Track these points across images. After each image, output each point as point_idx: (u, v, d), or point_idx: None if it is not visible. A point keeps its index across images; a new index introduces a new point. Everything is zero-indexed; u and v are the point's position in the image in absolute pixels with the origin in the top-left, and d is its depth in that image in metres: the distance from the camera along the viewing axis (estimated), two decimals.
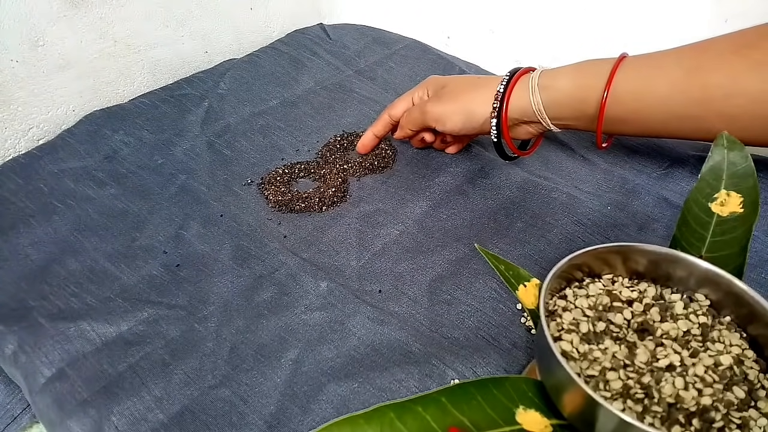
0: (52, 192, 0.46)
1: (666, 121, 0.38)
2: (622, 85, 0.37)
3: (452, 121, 0.44)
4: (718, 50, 0.36)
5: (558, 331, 0.28)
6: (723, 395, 0.25)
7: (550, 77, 0.40)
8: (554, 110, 0.40)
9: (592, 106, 0.39)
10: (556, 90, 0.40)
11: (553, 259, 0.40)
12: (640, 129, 0.40)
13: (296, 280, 0.40)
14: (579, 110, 0.40)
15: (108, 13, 0.55)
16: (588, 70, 0.39)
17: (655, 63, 0.38)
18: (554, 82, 0.40)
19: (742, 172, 0.33)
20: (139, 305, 0.37)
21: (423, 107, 0.45)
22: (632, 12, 0.59)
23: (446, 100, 0.44)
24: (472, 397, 0.26)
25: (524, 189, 0.47)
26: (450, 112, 0.43)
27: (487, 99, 0.42)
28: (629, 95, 0.38)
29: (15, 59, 0.50)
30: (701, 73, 0.36)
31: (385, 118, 0.49)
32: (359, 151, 0.51)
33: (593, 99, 0.39)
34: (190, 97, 0.58)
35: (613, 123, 0.39)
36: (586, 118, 0.40)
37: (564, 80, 0.40)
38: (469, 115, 0.43)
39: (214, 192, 0.47)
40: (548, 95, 0.40)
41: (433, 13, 0.74)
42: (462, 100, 0.43)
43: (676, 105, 0.37)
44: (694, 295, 0.30)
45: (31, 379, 0.34)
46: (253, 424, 0.31)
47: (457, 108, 0.43)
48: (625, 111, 0.38)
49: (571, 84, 0.39)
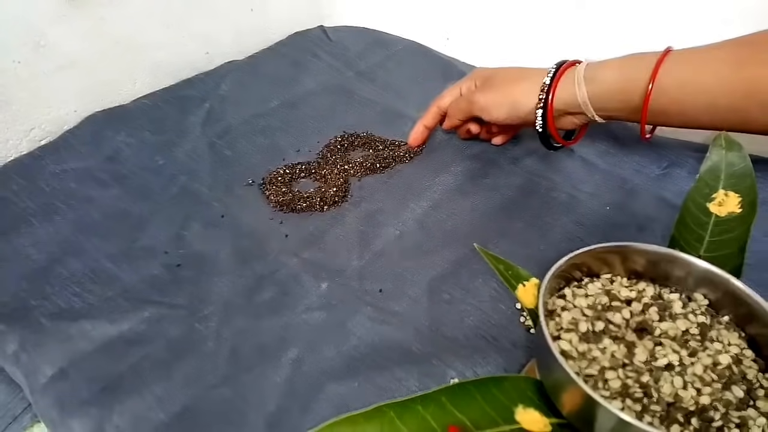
0: (54, 192, 0.46)
1: (709, 113, 0.39)
2: (667, 77, 0.38)
3: (498, 111, 0.45)
4: (762, 43, 0.36)
5: (557, 330, 0.28)
6: (722, 394, 0.25)
7: (595, 70, 0.41)
8: (599, 102, 0.41)
9: (637, 97, 0.39)
10: (601, 82, 0.41)
11: (552, 258, 0.39)
12: (683, 120, 0.41)
13: (297, 280, 0.40)
14: (624, 102, 0.40)
15: (109, 14, 0.55)
16: (633, 62, 0.40)
17: (700, 56, 0.38)
18: (599, 74, 0.41)
19: (740, 173, 0.33)
20: (140, 305, 0.37)
21: (470, 97, 0.46)
22: (632, 12, 0.59)
23: (493, 91, 0.45)
24: (472, 396, 0.26)
25: (524, 189, 0.47)
26: (496, 102, 0.45)
27: (532, 90, 0.43)
28: (673, 87, 0.38)
29: (17, 60, 0.50)
30: (747, 66, 0.36)
31: (433, 110, 0.50)
32: (411, 145, 0.51)
33: (638, 91, 0.39)
34: (192, 98, 0.59)
35: (656, 114, 0.40)
36: (630, 110, 0.41)
37: (609, 72, 0.40)
38: (515, 105, 0.44)
39: (215, 192, 0.47)
40: (593, 87, 0.41)
41: (432, 14, 0.74)
42: (508, 90, 0.44)
43: (720, 97, 0.37)
44: (692, 294, 0.30)
45: (33, 378, 0.34)
46: (254, 424, 0.31)
47: (503, 98, 0.44)
48: (669, 103, 0.39)
49: (617, 76, 0.40)
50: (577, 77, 0.42)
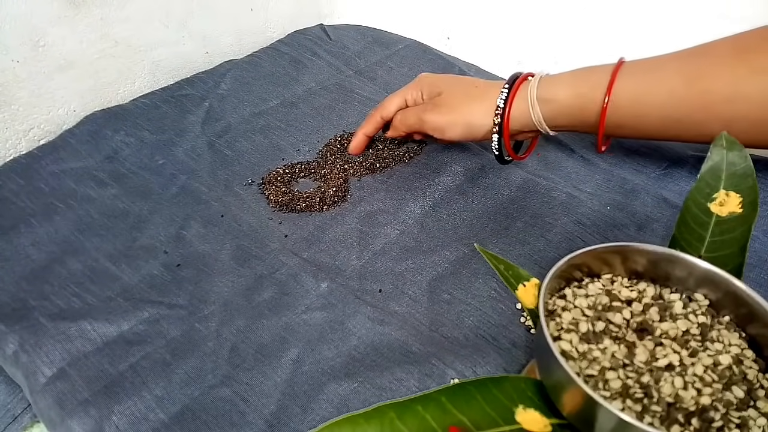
0: (53, 192, 0.46)
1: (666, 127, 0.39)
2: (622, 93, 0.38)
3: (452, 132, 0.44)
4: (718, 55, 0.36)
5: (557, 330, 0.28)
6: (722, 395, 0.25)
7: (549, 89, 0.40)
8: (554, 120, 0.41)
9: (592, 115, 0.39)
10: (555, 102, 0.40)
11: (552, 258, 0.40)
12: (640, 134, 0.41)
13: (297, 280, 0.40)
14: (579, 119, 0.40)
15: (109, 14, 0.55)
16: (586, 79, 0.40)
17: (654, 70, 0.38)
18: (553, 94, 0.40)
19: (741, 172, 0.33)
20: (139, 305, 0.37)
21: (421, 116, 0.45)
22: (632, 12, 0.59)
23: (445, 111, 0.44)
24: (472, 396, 0.26)
25: (524, 189, 0.47)
26: (450, 123, 0.44)
27: (486, 111, 0.42)
28: (628, 103, 0.38)
29: (16, 60, 0.50)
30: (701, 79, 0.36)
31: (376, 119, 0.48)
32: (351, 152, 0.51)
33: (593, 108, 0.39)
34: (191, 98, 0.58)
35: (612, 129, 0.40)
36: (587, 126, 0.41)
37: (563, 91, 0.40)
38: (470, 127, 0.43)
39: (214, 192, 0.47)
40: (547, 107, 0.41)
41: (433, 13, 0.74)
42: (461, 111, 0.43)
43: (675, 111, 0.37)
44: (693, 294, 0.30)
45: (32, 378, 0.34)
46: (254, 424, 0.31)
47: (457, 119, 0.43)
48: (625, 118, 0.39)
49: (570, 94, 0.40)
50: (530, 98, 0.41)
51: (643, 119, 0.39)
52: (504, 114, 0.41)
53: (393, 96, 0.48)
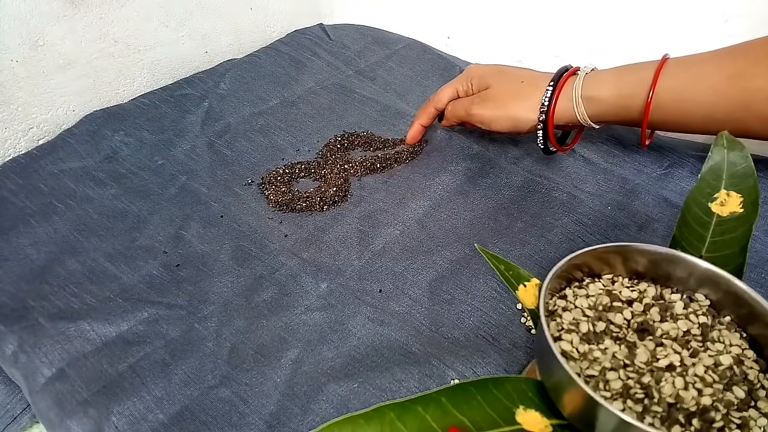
0: (52, 192, 0.46)
1: (707, 123, 0.40)
2: (665, 92, 0.39)
3: (498, 125, 0.46)
4: (757, 54, 0.37)
5: (558, 331, 0.28)
6: (723, 395, 0.25)
7: (593, 87, 0.42)
8: (598, 117, 0.43)
9: (635, 112, 0.41)
10: (599, 101, 0.42)
11: (553, 259, 0.40)
12: (683, 129, 0.42)
13: (296, 280, 0.40)
14: (622, 116, 0.42)
15: (108, 13, 0.55)
16: (630, 77, 0.41)
17: (696, 69, 0.39)
18: (597, 92, 0.42)
19: (742, 172, 0.33)
20: (139, 305, 0.37)
21: (469, 109, 0.47)
22: (632, 12, 0.59)
23: (491, 106, 0.46)
24: (472, 397, 0.26)
25: (524, 189, 0.47)
26: (496, 117, 0.46)
27: (533, 107, 0.44)
28: (671, 102, 0.39)
29: (15, 59, 0.50)
30: (742, 78, 0.37)
31: (429, 110, 0.51)
32: (408, 143, 0.52)
33: (636, 106, 0.41)
34: (190, 98, 0.58)
35: (655, 125, 0.42)
36: (631, 122, 0.43)
37: (607, 90, 0.41)
38: (516, 122, 0.45)
39: (214, 192, 0.47)
40: (592, 105, 0.42)
41: (433, 13, 0.74)
42: (507, 107, 0.45)
43: (717, 109, 0.38)
44: (694, 295, 0.30)
45: (31, 379, 0.34)
46: (253, 424, 0.31)
47: (504, 114, 0.45)
48: (668, 115, 0.40)
49: (614, 93, 0.41)
50: (575, 96, 0.42)
51: (685, 116, 0.40)
52: (548, 111, 0.43)
53: (445, 87, 0.50)
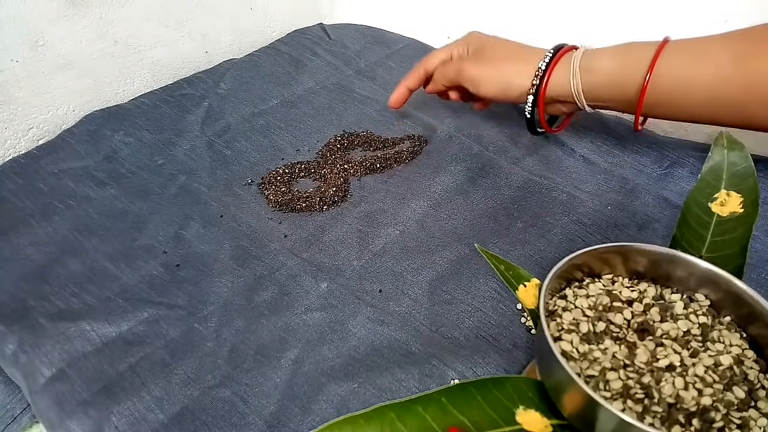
0: (52, 192, 0.46)
1: (707, 107, 0.38)
2: (665, 69, 0.37)
3: (487, 87, 0.43)
4: (763, 35, 0.36)
5: (558, 331, 0.28)
6: (723, 395, 0.25)
7: (591, 59, 0.40)
8: (593, 92, 0.41)
9: (633, 89, 0.39)
10: (596, 73, 0.40)
11: (553, 259, 0.40)
12: (679, 113, 0.40)
13: (296, 280, 0.40)
14: (618, 93, 0.40)
15: (108, 13, 0.55)
16: (630, 53, 0.39)
17: (700, 49, 0.37)
18: (595, 64, 0.40)
19: (742, 172, 0.33)
20: (139, 305, 0.37)
21: (460, 65, 0.44)
22: (632, 12, 0.59)
23: (485, 65, 0.43)
24: (473, 397, 0.26)
25: (524, 189, 0.47)
26: (487, 77, 0.43)
27: (527, 72, 0.42)
28: (672, 80, 0.37)
29: (15, 59, 0.50)
30: (748, 59, 0.35)
31: (419, 72, 0.48)
32: (391, 106, 0.50)
33: (634, 83, 0.38)
34: (190, 97, 0.58)
35: (652, 107, 0.39)
36: (625, 101, 0.40)
37: (605, 63, 0.39)
38: (507, 85, 0.43)
39: (214, 192, 0.47)
40: (589, 78, 0.40)
41: (433, 13, 0.74)
42: (501, 68, 0.43)
43: (719, 91, 0.36)
44: (694, 295, 0.30)
45: (31, 379, 0.34)
46: (253, 424, 0.31)
47: (495, 75, 0.43)
48: (666, 95, 0.38)
49: (613, 67, 0.39)
50: (573, 66, 0.40)
51: (684, 98, 0.38)
52: (544, 77, 0.41)
53: (439, 50, 0.48)
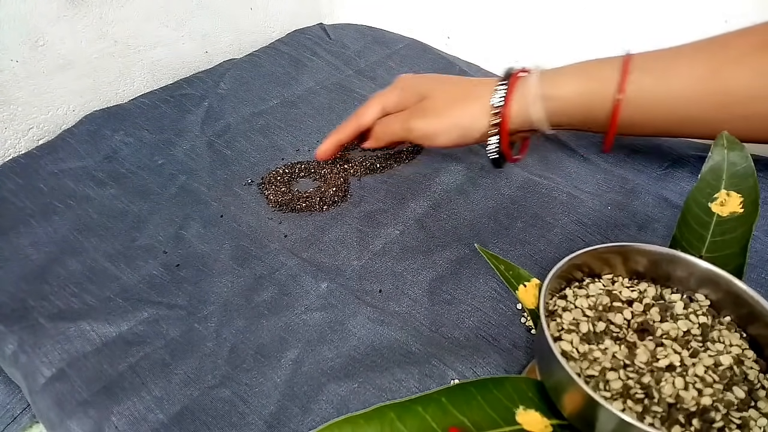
0: (52, 192, 0.46)
1: (680, 124, 0.36)
2: (635, 89, 0.35)
3: (444, 139, 0.40)
4: (740, 49, 0.34)
5: (558, 331, 0.28)
6: (723, 395, 0.25)
7: (552, 85, 0.38)
8: (558, 118, 0.38)
9: (602, 113, 0.37)
10: (560, 99, 0.37)
11: (553, 258, 0.40)
12: (651, 131, 0.39)
13: (296, 280, 0.40)
14: (587, 117, 0.38)
15: (108, 13, 0.55)
16: (594, 74, 0.37)
17: (667, 66, 0.35)
18: (556, 90, 0.37)
19: (742, 172, 0.33)
20: (139, 305, 0.37)
21: (407, 124, 0.41)
22: (632, 12, 0.59)
23: (433, 116, 0.40)
24: (473, 397, 0.26)
25: (524, 189, 0.47)
26: (441, 130, 0.40)
27: (480, 112, 0.39)
28: (643, 100, 0.36)
29: (15, 59, 0.50)
30: (722, 75, 0.34)
31: (352, 126, 0.44)
32: (318, 158, 0.46)
33: (603, 106, 0.36)
34: (190, 97, 0.58)
35: (623, 127, 0.37)
36: (593, 124, 0.38)
37: (567, 88, 0.37)
38: (465, 131, 0.40)
39: (214, 192, 0.47)
40: (552, 105, 0.38)
41: (433, 13, 0.74)
42: (452, 115, 0.40)
43: (692, 108, 0.35)
44: (694, 295, 0.30)
45: (31, 379, 0.34)
46: (253, 424, 0.31)
47: (449, 124, 0.40)
48: (637, 115, 0.36)
49: (577, 91, 0.37)
50: (531, 95, 0.38)
51: (657, 116, 0.36)
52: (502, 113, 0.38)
53: (371, 102, 0.44)
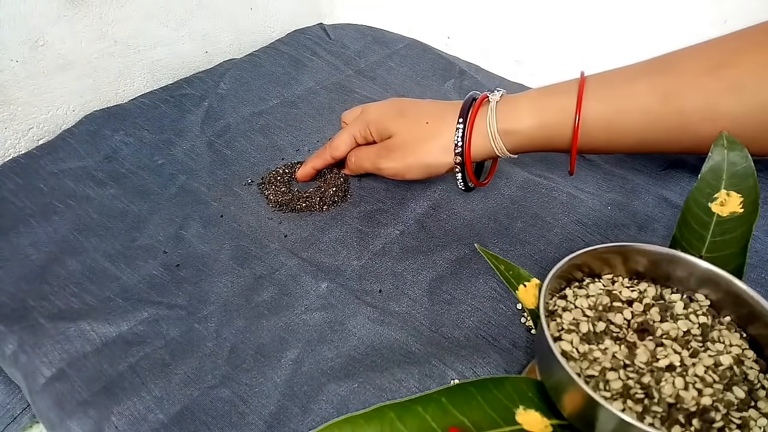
0: (52, 192, 0.46)
1: (642, 145, 0.38)
2: (592, 118, 0.37)
3: (413, 174, 0.43)
4: (690, 72, 0.35)
5: (558, 331, 0.28)
6: (723, 395, 0.25)
7: (509, 119, 0.39)
8: (519, 149, 0.40)
9: (563, 141, 0.38)
10: (518, 133, 0.39)
11: (553, 258, 0.40)
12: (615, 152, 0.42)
13: (296, 280, 0.40)
14: (547, 146, 0.40)
15: (108, 13, 0.55)
16: (550, 104, 0.38)
17: (624, 90, 0.36)
18: (514, 124, 0.39)
19: (742, 172, 0.33)
20: (139, 305, 0.37)
21: (376, 164, 0.44)
22: (632, 12, 0.59)
23: (400, 156, 0.42)
24: (473, 397, 0.26)
25: (524, 189, 0.47)
26: (408, 168, 0.43)
27: (443, 150, 0.41)
28: (600, 127, 0.37)
29: (15, 59, 0.50)
30: (676, 98, 0.35)
31: (326, 156, 0.47)
32: (298, 180, 0.48)
33: (560, 136, 0.38)
34: (190, 97, 0.58)
35: (585, 150, 0.39)
36: (557, 149, 0.40)
37: (525, 121, 0.38)
38: (431, 168, 0.42)
39: (214, 192, 0.47)
40: (511, 139, 0.39)
41: (433, 13, 0.74)
42: (417, 154, 0.42)
43: (651, 131, 0.36)
44: (694, 295, 0.30)
45: (31, 379, 0.34)
46: (253, 424, 0.31)
47: (415, 162, 0.42)
48: (597, 140, 0.38)
49: (535, 124, 0.38)
50: (490, 131, 0.39)
51: (617, 139, 0.38)
52: (463, 151, 0.40)
53: (342, 135, 0.46)
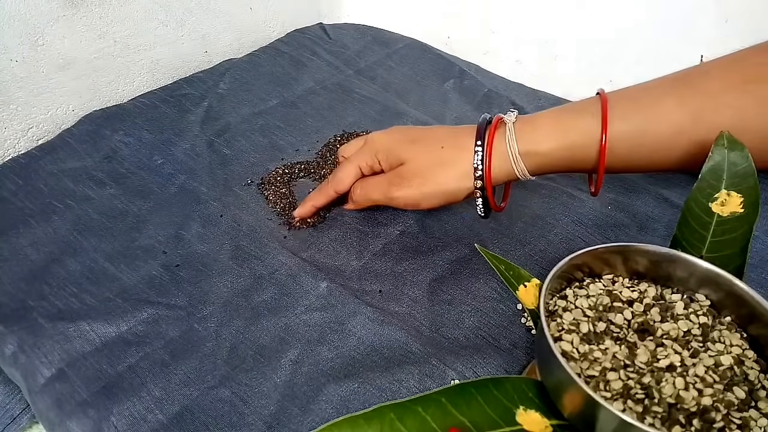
0: (52, 192, 0.46)
1: (665, 163, 0.37)
2: (619, 139, 0.36)
3: (430, 203, 0.40)
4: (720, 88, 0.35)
5: (558, 331, 0.28)
6: (723, 395, 0.25)
7: (531, 140, 0.37)
8: (541, 170, 0.39)
9: (586, 162, 0.37)
10: (542, 155, 0.37)
11: (553, 259, 0.40)
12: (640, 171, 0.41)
13: (296, 281, 0.39)
14: (570, 167, 0.38)
15: (107, 13, 0.55)
16: (572, 125, 0.37)
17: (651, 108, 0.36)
18: (536, 146, 0.37)
19: (742, 172, 0.33)
20: (138, 305, 0.37)
21: (388, 193, 0.40)
22: (632, 12, 0.59)
23: (416, 184, 0.39)
24: (473, 397, 0.26)
25: (524, 189, 0.47)
26: (425, 196, 0.39)
27: (462, 175, 0.38)
28: (628, 148, 0.36)
29: (14, 59, 0.50)
30: (705, 120, 0.34)
31: (328, 192, 0.43)
32: (296, 216, 0.44)
33: (585, 157, 0.37)
34: (190, 97, 0.58)
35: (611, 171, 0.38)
36: (579, 171, 0.39)
37: (548, 143, 0.37)
38: (449, 196, 0.39)
39: (213, 192, 0.47)
40: (533, 161, 0.37)
41: (433, 13, 0.74)
42: (434, 181, 0.39)
43: (678, 150, 0.36)
44: (694, 295, 0.30)
45: (31, 379, 0.34)
46: (253, 425, 0.31)
47: (432, 191, 0.39)
48: (624, 161, 0.37)
49: (558, 146, 0.37)
50: (511, 154, 0.37)
51: (643, 159, 0.37)
52: (484, 175, 0.37)
53: (345, 167, 0.42)
